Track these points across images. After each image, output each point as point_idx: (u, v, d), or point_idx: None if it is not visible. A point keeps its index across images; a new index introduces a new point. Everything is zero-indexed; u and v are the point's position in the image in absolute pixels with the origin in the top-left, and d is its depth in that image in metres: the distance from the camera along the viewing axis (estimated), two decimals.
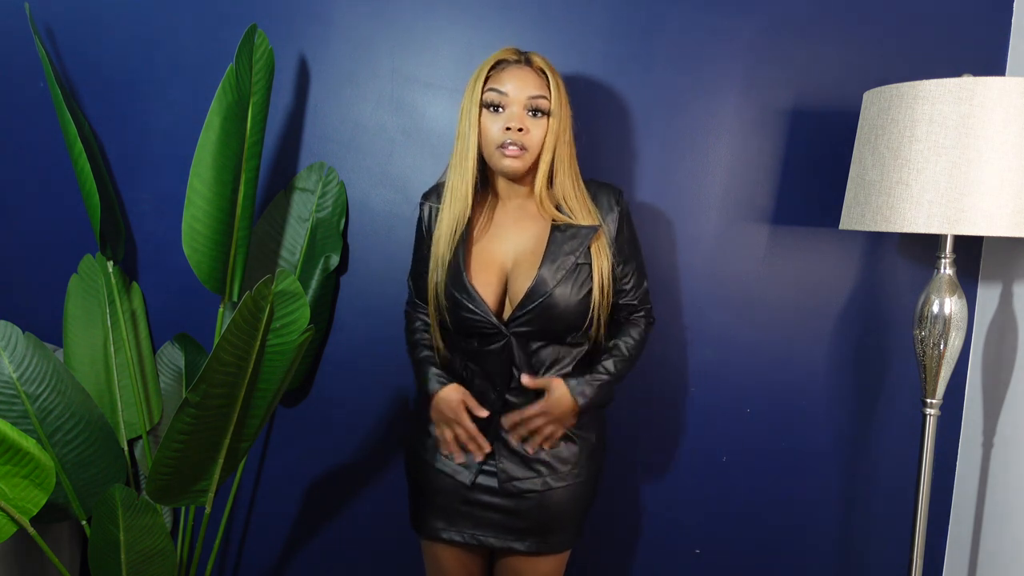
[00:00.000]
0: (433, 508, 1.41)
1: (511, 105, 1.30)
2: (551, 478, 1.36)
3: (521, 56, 1.34)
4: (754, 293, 1.72)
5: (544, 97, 1.30)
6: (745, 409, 1.75)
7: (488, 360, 1.34)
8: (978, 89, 1.23)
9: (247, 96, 1.51)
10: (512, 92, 1.30)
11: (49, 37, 1.73)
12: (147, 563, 1.47)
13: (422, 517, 1.43)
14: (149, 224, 1.77)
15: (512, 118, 1.29)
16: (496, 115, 1.31)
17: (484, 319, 1.31)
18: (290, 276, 1.27)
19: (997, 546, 1.58)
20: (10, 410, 1.47)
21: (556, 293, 1.30)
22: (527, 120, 1.30)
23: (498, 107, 1.31)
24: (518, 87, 1.30)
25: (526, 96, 1.30)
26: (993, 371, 1.62)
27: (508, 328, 1.32)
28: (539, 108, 1.30)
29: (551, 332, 1.33)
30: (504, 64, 1.33)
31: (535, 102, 1.30)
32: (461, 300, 1.32)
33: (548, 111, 1.31)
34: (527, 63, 1.33)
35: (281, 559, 1.86)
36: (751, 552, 1.79)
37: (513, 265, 1.36)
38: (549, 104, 1.31)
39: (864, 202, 1.36)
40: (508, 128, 1.29)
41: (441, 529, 1.40)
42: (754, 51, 1.67)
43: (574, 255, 1.33)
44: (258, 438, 1.80)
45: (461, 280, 1.32)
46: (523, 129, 1.29)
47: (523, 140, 1.30)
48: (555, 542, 1.39)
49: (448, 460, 1.39)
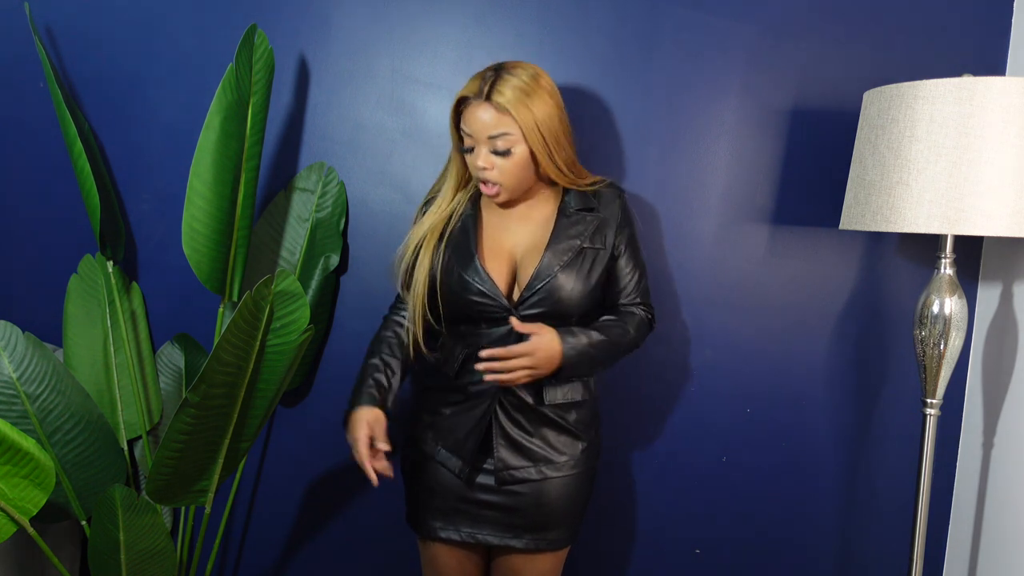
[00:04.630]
0: (430, 507, 1.41)
1: (477, 145, 1.30)
2: (548, 468, 1.37)
3: (483, 90, 1.28)
4: (754, 293, 1.72)
5: (504, 134, 1.27)
6: (745, 409, 1.75)
7: (494, 344, 1.33)
8: (978, 89, 1.23)
9: (247, 96, 1.51)
10: (475, 133, 1.29)
11: (49, 37, 1.73)
12: (147, 563, 1.47)
13: (419, 516, 1.43)
14: (149, 224, 1.77)
15: (478, 157, 1.30)
16: (470, 153, 1.33)
17: (495, 301, 1.32)
18: (290, 276, 1.27)
19: (997, 546, 1.58)
20: (10, 410, 1.47)
21: (560, 276, 1.32)
22: (493, 159, 1.30)
23: (470, 148, 1.32)
24: (478, 129, 1.29)
25: (485, 137, 1.29)
26: (993, 371, 1.62)
27: (518, 311, 1.33)
28: (498, 149, 1.29)
29: (559, 316, 1.34)
30: (467, 101, 1.30)
31: (494, 143, 1.29)
32: (472, 283, 1.33)
33: (510, 148, 1.29)
34: (487, 98, 1.27)
35: (281, 559, 1.86)
36: (751, 552, 1.79)
37: (523, 254, 1.38)
38: (511, 139, 1.28)
39: (864, 202, 1.36)
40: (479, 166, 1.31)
41: (439, 528, 1.40)
42: (754, 51, 1.67)
43: (579, 239, 1.35)
44: (258, 438, 1.80)
45: (473, 263, 1.34)
46: (487, 167, 1.30)
47: (493, 178, 1.31)
48: (553, 539, 1.39)
49: (447, 452, 1.39)
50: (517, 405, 1.37)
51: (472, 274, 1.33)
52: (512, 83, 1.27)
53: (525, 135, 1.28)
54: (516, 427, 1.37)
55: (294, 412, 1.82)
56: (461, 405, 1.39)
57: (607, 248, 1.38)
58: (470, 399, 1.38)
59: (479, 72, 1.31)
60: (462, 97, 1.31)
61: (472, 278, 1.33)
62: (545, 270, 1.33)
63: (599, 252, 1.37)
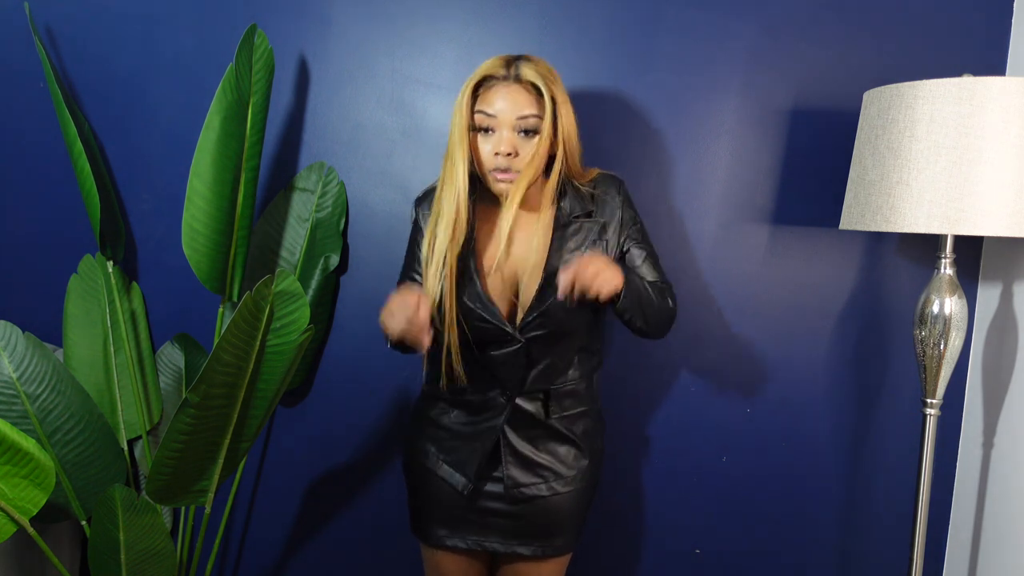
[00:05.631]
0: (435, 516, 1.39)
1: (500, 128, 1.23)
2: (557, 483, 1.36)
3: (509, 71, 1.24)
4: (754, 293, 1.72)
5: (535, 115, 1.22)
6: (745, 409, 1.75)
7: (500, 366, 1.31)
8: (978, 89, 1.23)
9: (247, 96, 1.51)
10: (500, 114, 1.22)
11: (49, 37, 1.73)
12: (147, 563, 1.47)
13: (424, 524, 1.41)
14: (149, 224, 1.77)
15: (501, 142, 1.22)
16: (486, 136, 1.24)
17: (498, 327, 1.28)
18: (290, 276, 1.27)
19: (997, 546, 1.58)
20: (10, 410, 1.47)
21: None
22: (517, 142, 1.23)
23: (488, 129, 1.24)
24: (507, 108, 1.22)
25: (515, 117, 1.22)
26: (993, 371, 1.62)
27: (522, 334, 1.29)
28: (529, 128, 1.23)
29: (563, 333, 1.31)
30: (491, 81, 1.24)
31: (524, 122, 1.22)
32: (475, 310, 1.28)
33: (539, 128, 1.23)
34: (516, 79, 1.23)
35: (281, 559, 1.86)
36: (751, 552, 1.79)
37: (524, 269, 1.32)
38: (541, 122, 1.23)
39: (864, 202, 1.36)
40: (498, 153, 1.23)
41: (444, 536, 1.39)
42: (754, 51, 1.67)
43: (580, 249, 1.30)
44: (258, 438, 1.80)
45: (475, 290, 1.29)
46: (512, 153, 1.22)
47: (514, 164, 1.23)
48: (559, 545, 1.39)
49: (450, 468, 1.38)
50: (526, 421, 1.34)
51: (475, 302, 1.28)
52: (539, 68, 1.24)
53: (546, 124, 1.23)
54: (526, 443, 1.35)
55: (294, 412, 1.82)
56: (465, 421, 1.37)
57: (612, 250, 1.33)
58: (474, 414, 1.36)
59: (494, 58, 1.27)
60: (484, 77, 1.24)
61: (475, 304, 1.28)
62: (546, 290, 1.27)
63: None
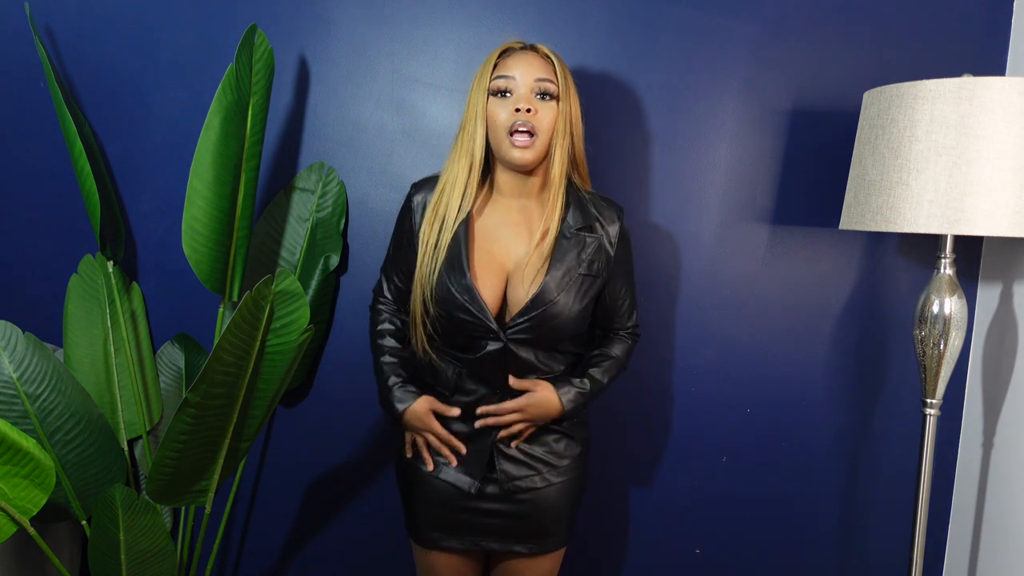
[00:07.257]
0: (431, 519, 1.39)
1: (519, 88, 1.30)
2: (550, 474, 1.37)
3: (527, 44, 1.36)
4: (754, 293, 1.72)
5: (551, 80, 1.31)
6: (745, 409, 1.75)
7: (481, 364, 1.32)
8: (978, 89, 1.23)
9: (247, 96, 1.51)
10: (519, 76, 1.30)
11: (49, 37, 1.73)
12: (147, 563, 1.47)
13: (419, 527, 1.41)
14: (149, 224, 1.77)
15: (520, 100, 1.29)
16: (504, 100, 1.30)
17: (482, 322, 1.29)
18: (290, 276, 1.27)
19: (997, 546, 1.58)
20: (10, 410, 1.47)
21: (560, 302, 1.29)
22: (535, 102, 1.29)
23: (506, 92, 1.30)
24: (525, 71, 1.30)
25: (533, 79, 1.29)
26: (993, 371, 1.62)
27: (506, 334, 1.30)
28: (547, 91, 1.30)
29: (548, 340, 1.32)
30: (510, 51, 1.34)
31: (542, 84, 1.30)
32: (461, 300, 1.29)
33: (556, 95, 1.31)
34: (533, 49, 1.35)
35: (281, 559, 1.86)
36: (751, 552, 1.79)
37: (514, 269, 1.33)
38: (556, 88, 1.31)
39: (864, 202, 1.36)
40: (517, 110, 1.28)
41: (440, 538, 1.39)
42: (754, 51, 1.67)
43: (580, 266, 1.32)
44: (258, 438, 1.80)
45: (464, 280, 1.29)
46: (532, 110, 1.28)
47: (532, 121, 1.28)
48: (554, 541, 1.40)
49: (449, 468, 1.38)
50: None
51: (462, 292, 1.29)
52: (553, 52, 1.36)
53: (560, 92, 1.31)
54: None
55: (294, 412, 1.82)
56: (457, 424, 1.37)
57: (602, 275, 1.35)
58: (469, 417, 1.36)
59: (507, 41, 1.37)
60: (505, 48, 1.35)
61: (462, 296, 1.29)
62: (544, 295, 1.29)
63: (596, 280, 1.34)
